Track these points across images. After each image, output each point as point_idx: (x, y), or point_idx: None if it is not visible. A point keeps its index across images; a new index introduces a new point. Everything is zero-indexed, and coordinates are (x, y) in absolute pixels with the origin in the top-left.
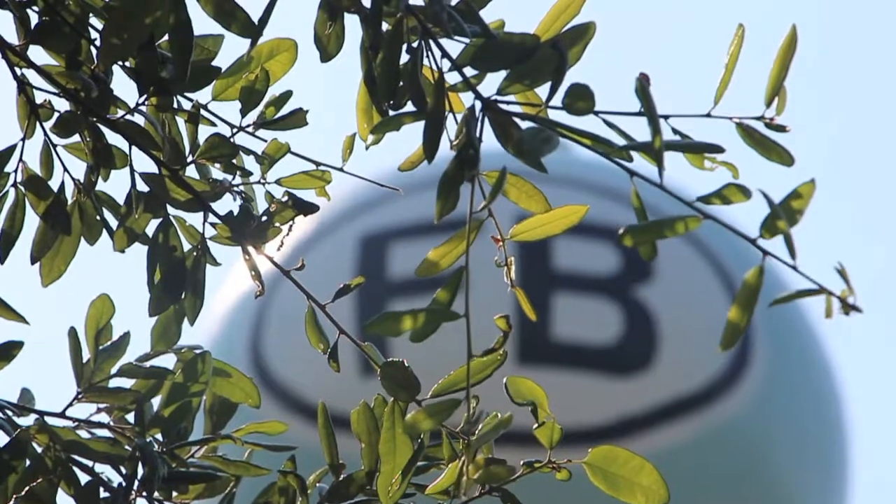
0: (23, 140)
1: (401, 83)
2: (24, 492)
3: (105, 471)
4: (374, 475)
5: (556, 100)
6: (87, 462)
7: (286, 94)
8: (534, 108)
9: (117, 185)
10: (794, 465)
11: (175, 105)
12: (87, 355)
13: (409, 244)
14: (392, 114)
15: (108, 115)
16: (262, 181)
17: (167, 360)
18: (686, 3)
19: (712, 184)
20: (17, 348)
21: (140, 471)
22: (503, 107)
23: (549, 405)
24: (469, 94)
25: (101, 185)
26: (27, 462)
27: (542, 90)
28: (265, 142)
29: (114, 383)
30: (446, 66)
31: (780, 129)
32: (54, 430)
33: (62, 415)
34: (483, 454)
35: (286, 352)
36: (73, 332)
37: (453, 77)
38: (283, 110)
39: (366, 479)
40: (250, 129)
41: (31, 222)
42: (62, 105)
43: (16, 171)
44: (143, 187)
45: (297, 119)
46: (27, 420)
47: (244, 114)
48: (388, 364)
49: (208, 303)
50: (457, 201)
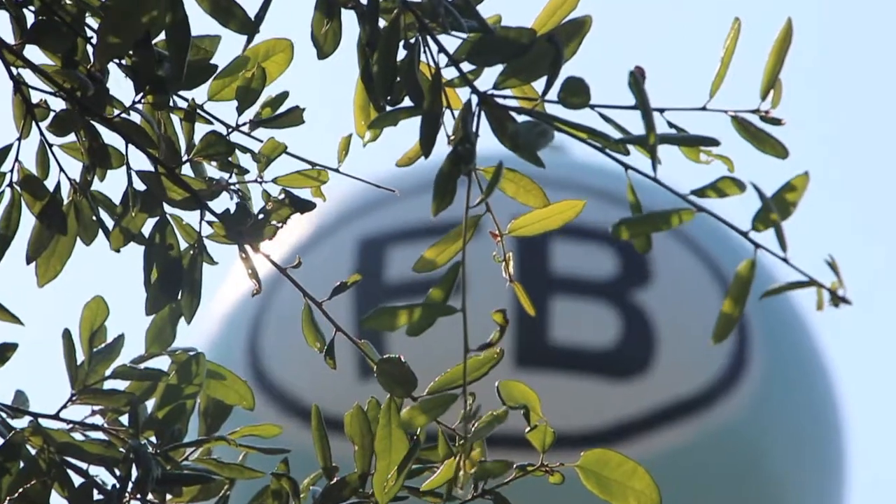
0: (19, 140)
1: (397, 79)
2: (17, 494)
3: (99, 473)
4: (367, 478)
5: (553, 94)
6: (81, 464)
7: (283, 94)
8: (530, 103)
9: (113, 184)
10: (792, 468)
11: (171, 104)
12: (81, 357)
13: (407, 247)
14: (389, 109)
15: (105, 114)
16: (258, 180)
17: (162, 363)
18: None
19: (708, 179)
20: (10, 350)
21: (134, 473)
22: (499, 101)
23: (544, 409)
24: (465, 90)
25: (97, 185)
26: (21, 464)
27: (539, 85)
28: (261, 141)
29: (108, 385)
30: (443, 61)
31: (776, 122)
32: (48, 432)
33: (56, 417)
34: (477, 454)
35: (284, 354)
36: (67, 334)
37: (450, 73)
38: (280, 109)
39: (359, 482)
40: (246, 129)
41: (27, 222)
42: (58, 105)
43: (12, 170)
44: (139, 186)
45: (294, 117)
46: (21, 422)
47: (240, 112)
48: (385, 360)
49: (206, 304)
50: (453, 196)
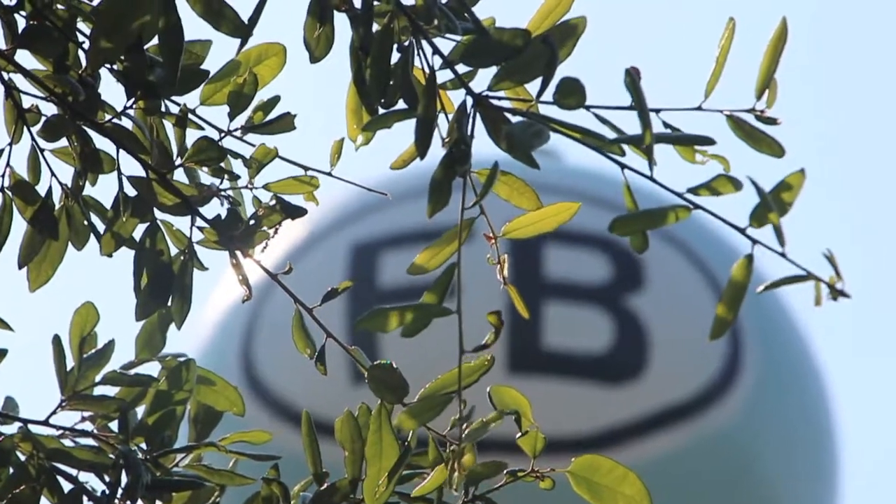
0: (10, 145)
1: (391, 82)
2: (6, 500)
3: (89, 479)
4: (357, 483)
5: (547, 95)
6: (71, 470)
7: (274, 99)
8: (525, 104)
9: (105, 189)
10: (785, 474)
11: (163, 109)
12: (71, 363)
13: (400, 252)
14: (382, 112)
15: (96, 119)
16: (249, 185)
17: (152, 368)
18: None
19: (703, 181)
20: (0, 356)
21: (123, 479)
22: (494, 103)
23: (537, 414)
24: (460, 92)
25: (89, 190)
26: (10, 470)
27: (533, 86)
28: (253, 146)
29: (98, 391)
30: (437, 63)
31: (771, 121)
32: (38, 438)
33: (46, 423)
34: (470, 458)
35: (277, 360)
36: (57, 340)
37: (443, 75)
38: (272, 114)
39: (349, 488)
40: (238, 134)
41: (19, 227)
42: (49, 110)
43: (3, 175)
44: (130, 191)
45: (285, 123)
46: (10, 428)
47: (232, 118)
48: (376, 366)
49: (199, 310)
50: (448, 199)
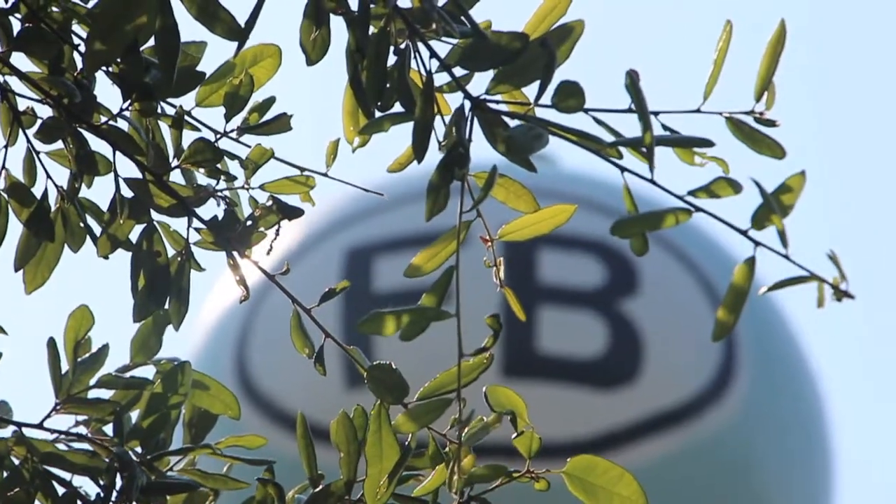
0: (5, 147)
1: (388, 85)
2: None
3: (83, 483)
4: (352, 485)
5: (545, 98)
6: (65, 474)
7: (270, 100)
8: (523, 107)
9: (101, 191)
10: (779, 478)
11: (159, 110)
12: (65, 366)
13: (394, 257)
14: (379, 115)
15: (92, 122)
16: (246, 186)
17: (147, 372)
18: (674, 0)
19: (701, 184)
20: None
21: (118, 482)
22: (492, 106)
23: (532, 418)
24: (457, 95)
25: (85, 192)
26: (4, 474)
27: (530, 90)
28: (249, 147)
29: (92, 394)
30: (434, 66)
31: (770, 123)
32: (32, 441)
33: (40, 426)
34: (470, 459)
35: (272, 364)
36: (51, 343)
37: (441, 78)
38: (267, 115)
39: (344, 490)
40: (234, 135)
41: (15, 230)
42: (45, 112)
43: None
44: (127, 193)
45: (281, 124)
46: (5, 432)
47: (228, 119)
48: (375, 367)
49: (193, 314)
50: (446, 201)
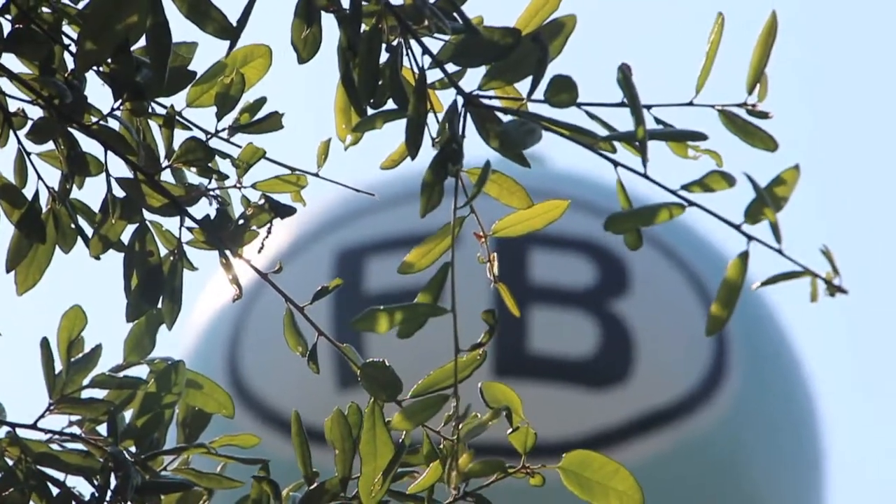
0: None
1: (380, 82)
2: None
3: (77, 483)
4: (347, 483)
5: (538, 94)
6: (59, 475)
7: (261, 100)
8: (516, 103)
9: (92, 192)
10: (770, 478)
11: (150, 110)
12: (59, 366)
13: (386, 258)
14: (371, 112)
15: (83, 122)
16: (237, 185)
17: (141, 372)
18: None
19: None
20: None
21: (112, 482)
22: (485, 102)
23: (524, 416)
24: (449, 92)
25: (76, 193)
26: None
27: (523, 86)
28: (241, 147)
29: (86, 394)
30: (426, 63)
31: (763, 115)
32: (26, 442)
33: (34, 427)
34: (467, 456)
35: (263, 365)
36: (45, 343)
37: (433, 75)
38: (259, 114)
39: (339, 487)
40: (225, 135)
41: (6, 231)
42: (36, 113)
43: None
44: (118, 193)
45: (273, 123)
46: None
47: (219, 118)
48: (369, 364)
49: (185, 315)
50: (440, 197)
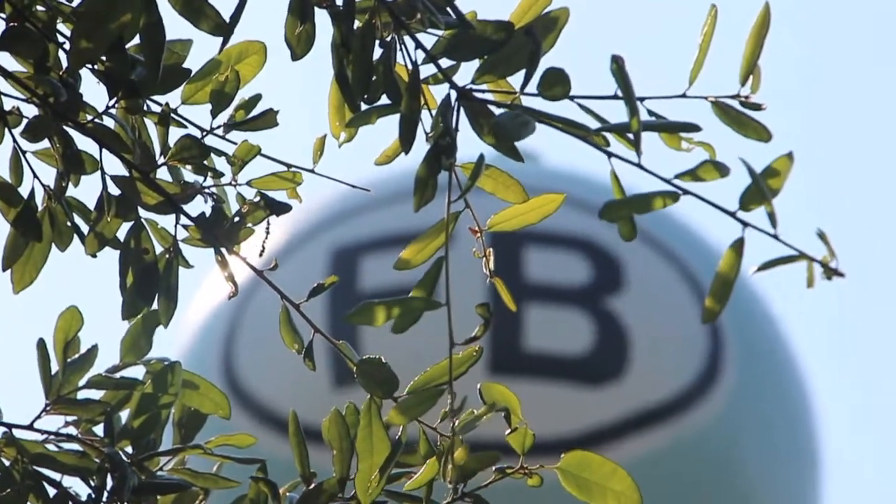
0: None
1: (373, 78)
2: None
3: (73, 484)
4: (345, 483)
5: (531, 87)
6: (55, 475)
7: (256, 97)
8: (509, 96)
9: (87, 190)
10: (765, 475)
11: (145, 108)
12: (55, 367)
13: (380, 256)
14: (365, 108)
15: (78, 120)
16: (233, 183)
17: (137, 373)
18: None
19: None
20: None
21: (109, 482)
22: (478, 96)
23: (520, 412)
24: (443, 87)
25: (72, 191)
26: None
27: (516, 79)
28: (236, 144)
29: (83, 395)
30: (420, 58)
31: (756, 107)
32: (22, 443)
33: (30, 427)
34: (462, 451)
35: (258, 363)
36: (41, 344)
37: (427, 70)
38: (254, 112)
39: (337, 487)
40: (220, 132)
41: (2, 229)
42: (31, 111)
43: None
44: (114, 190)
45: (268, 120)
46: None
47: (214, 115)
48: (365, 361)
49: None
50: (434, 192)
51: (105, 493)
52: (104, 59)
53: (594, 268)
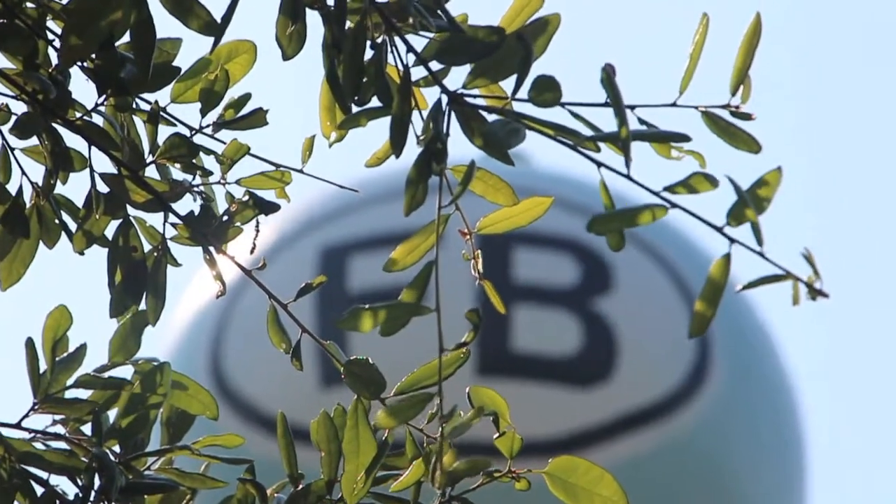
0: None
1: (364, 80)
2: None
3: (61, 483)
4: (333, 485)
5: (522, 93)
6: (43, 474)
7: (245, 96)
8: (500, 101)
9: (76, 188)
10: (752, 477)
11: (134, 106)
12: (43, 366)
13: (369, 256)
14: (356, 110)
15: (67, 117)
16: (222, 181)
17: (126, 372)
18: None
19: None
20: None
21: (97, 482)
22: (469, 100)
23: (509, 416)
24: (434, 90)
25: (60, 188)
26: None
27: (507, 84)
28: (225, 143)
29: (71, 394)
30: (411, 60)
31: (746, 117)
32: (9, 441)
33: (18, 426)
34: (451, 455)
35: (245, 362)
36: (30, 343)
37: (417, 73)
38: (243, 111)
39: (325, 489)
40: (209, 131)
41: None
42: (20, 108)
43: None
44: (102, 188)
45: (257, 119)
46: None
47: (204, 114)
48: (352, 362)
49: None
50: (424, 196)
51: (93, 493)
52: (94, 56)
53: (582, 269)
